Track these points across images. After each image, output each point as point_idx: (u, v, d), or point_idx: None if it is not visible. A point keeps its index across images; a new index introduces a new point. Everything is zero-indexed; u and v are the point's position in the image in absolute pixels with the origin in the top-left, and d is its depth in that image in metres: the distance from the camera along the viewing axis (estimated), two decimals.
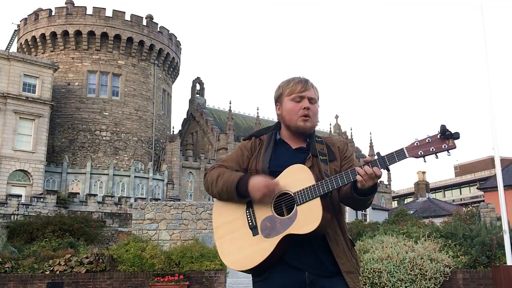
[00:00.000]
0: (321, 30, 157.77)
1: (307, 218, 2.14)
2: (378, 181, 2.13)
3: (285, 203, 2.22)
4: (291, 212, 2.19)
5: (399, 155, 2.06)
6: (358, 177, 2.09)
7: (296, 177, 2.22)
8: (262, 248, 2.19)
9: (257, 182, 2.20)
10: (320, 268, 2.22)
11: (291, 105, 2.38)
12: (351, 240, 2.35)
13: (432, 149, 2.01)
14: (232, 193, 2.27)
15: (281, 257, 2.21)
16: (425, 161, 2.07)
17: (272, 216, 2.22)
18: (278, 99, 2.47)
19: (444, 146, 1.99)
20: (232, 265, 2.28)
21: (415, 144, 2.04)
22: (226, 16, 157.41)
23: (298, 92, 2.37)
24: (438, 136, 2.01)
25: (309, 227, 2.12)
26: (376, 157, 2.11)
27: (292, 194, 2.20)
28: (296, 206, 2.18)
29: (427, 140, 2.03)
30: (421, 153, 2.03)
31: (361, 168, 2.09)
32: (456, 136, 1.98)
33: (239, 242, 2.26)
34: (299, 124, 2.37)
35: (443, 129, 1.98)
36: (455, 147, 2.00)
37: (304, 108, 2.35)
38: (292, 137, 2.44)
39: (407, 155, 2.04)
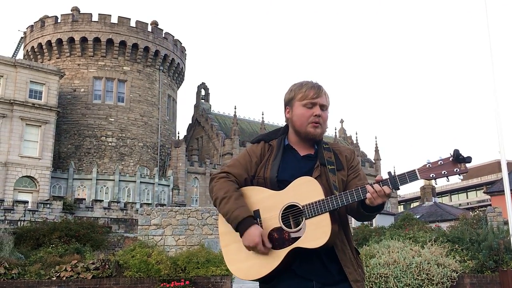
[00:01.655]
0: (326, 35, 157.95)
1: (316, 233, 2.14)
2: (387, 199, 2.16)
3: (293, 215, 2.22)
4: (299, 225, 2.19)
5: (410, 176, 2.08)
6: (368, 195, 2.10)
7: (305, 190, 2.21)
8: (270, 259, 2.19)
9: (252, 236, 2.17)
10: (327, 277, 2.23)
11: (302, 110, 2.36)
12: (356, 249, 2.36)
13: (444, 172, 2.04)
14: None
15: (289, 266, 2.21)
16: (436, 183, 2.12)
17: (280, 228, 2.21)
18: (288, 103, 2.43)
19: (456, 170, 2.02)
20: (238, 273, 2.27)
21: (427, 166, 2.07)
22: (231, 21, 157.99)
23: (310, 98, 2.35)
24: (451, 159, 2.04)
25: (318, 242, 2.13)
26: (387, 176, 2.13)
27: (301, 207, 2.20)
28: (305, 219, 2.18)
29: (439, 163, 2.06)
30: (433, 175, 2.06)
31: (371, 186, 2.11)
32: (468, 160, 2.00)
33: (246, 252, 2.24)
34: (309, 130, 2.35)
35: (457, 154, 2.01)
36: (467, 171, 2.02)
37: (316, 115, 2.34)
38: (300, 142, 2.42)
39: (419, 177, 2.07)
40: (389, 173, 2.13)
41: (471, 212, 27.02)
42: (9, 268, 10.35)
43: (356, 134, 62.12)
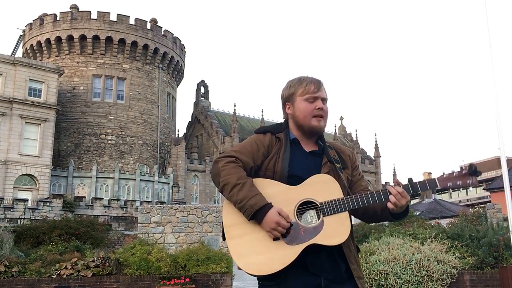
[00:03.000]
0: (325, 32, 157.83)
1: (335, 231, 2.17)
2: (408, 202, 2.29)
3: (301, 212, 2.21)
4: (312, 221, 2.19)
5: (430, 183, 2.28)
6: (391, 197, 2.21)
7: (323, 187, 2.23)
8: (284, 254, 2.14)
9: (271, 217, 2.13)
10: (335, 274, 2.23)
11: (304, 104, 2.36)
12: (357, 246, 2.39)
13: (459, 183, 2.29)
14: (246, 214, 2.17)
15: (299, 262, 2.17)
16: (450, 191, 2.36)
17: (295, 223, 2.18)
18: (289, 98, 2.43)
19: (469, 182, 2.29)
20: (247, 268, 2.17)
21: (445, 176, 2.31)
22: (230, 19, 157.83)
23: (312, 92, 2.36)
24: (464, 173, 2.29)
25: (337, 239, 2.16)
26: (407, 182, 2.27)
27: (319, 204, 2.19)
28: (323, 216, 2.18)
29: (454, 174, 2.31)
30: (449, 184, 2.29)
31: (393, 188, 2.23)
32: (479, 174, 2.28)
33: (256, 245, 2.17)
34: (313, 124, 2.36)
35: (474, 169, 2.26)
36: (477, 184, 2.25)
37: (318, 108, 2.35)
38: (303, 138, 2.42)
39: (439, 185, 2.28)
40: (410, 179, 2.25)
41: (470, 209, 27.03)
42: (9, 266, 10.36)
43: (356, 131, 62.06)
